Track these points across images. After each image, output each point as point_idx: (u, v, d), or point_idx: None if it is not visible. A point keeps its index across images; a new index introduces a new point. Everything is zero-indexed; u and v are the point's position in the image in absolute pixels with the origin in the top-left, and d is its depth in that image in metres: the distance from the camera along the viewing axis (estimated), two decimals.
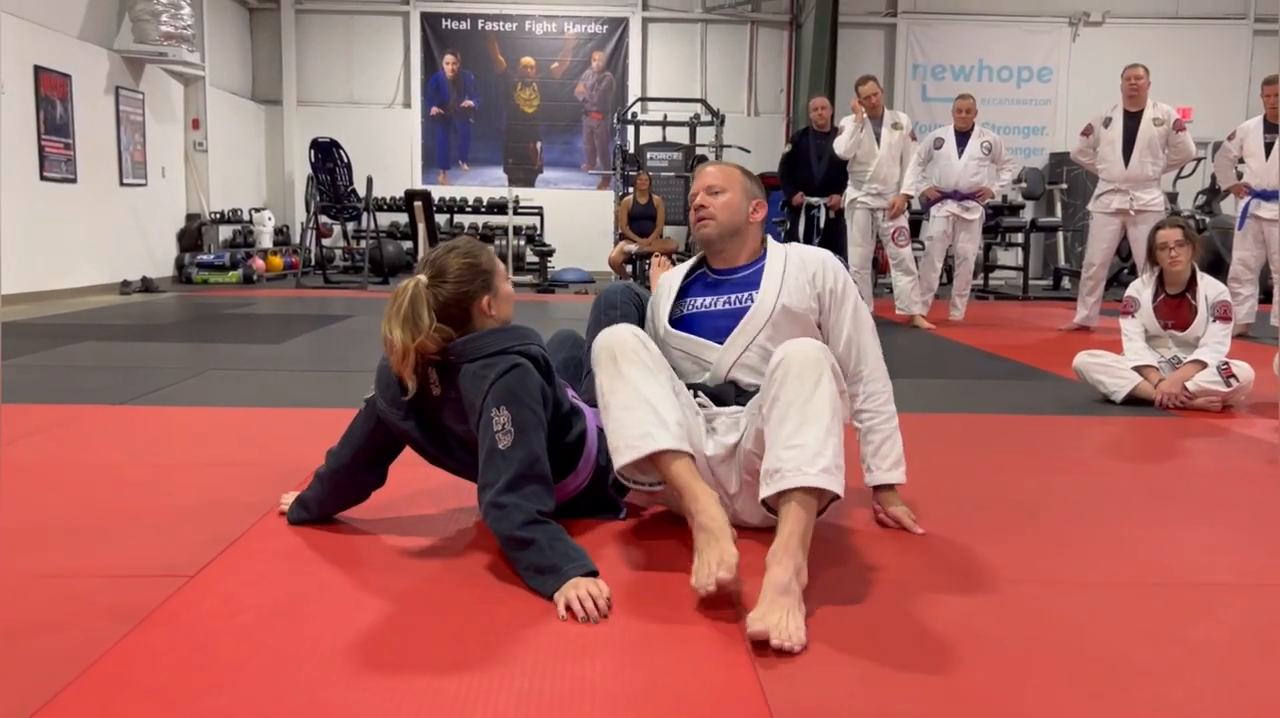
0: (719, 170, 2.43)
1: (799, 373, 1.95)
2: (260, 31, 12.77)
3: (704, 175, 2.42)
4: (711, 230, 2.37)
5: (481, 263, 2.16)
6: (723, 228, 2.37)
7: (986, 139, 7.44)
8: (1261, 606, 1.95)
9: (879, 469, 2.34)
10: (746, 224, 2.40)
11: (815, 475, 1.85)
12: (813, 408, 1.91)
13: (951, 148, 7.39)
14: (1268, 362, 4.38)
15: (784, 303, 2.29)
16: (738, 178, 2.41)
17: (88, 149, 8.75)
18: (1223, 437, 3.62)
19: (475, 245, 2.20)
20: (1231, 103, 12.22)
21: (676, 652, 1.67)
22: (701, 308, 2.40)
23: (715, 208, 2.36)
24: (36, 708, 1.43)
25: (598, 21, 12.84)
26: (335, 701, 1.47)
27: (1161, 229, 4.24)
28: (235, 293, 9.40)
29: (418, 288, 2.08)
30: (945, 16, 12.81)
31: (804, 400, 1.92)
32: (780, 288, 2.31)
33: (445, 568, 2.05)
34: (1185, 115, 6.59)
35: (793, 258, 2.37)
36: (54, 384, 4.23)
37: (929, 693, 1.53)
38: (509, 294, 2.23)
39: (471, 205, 12.81)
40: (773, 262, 2.37)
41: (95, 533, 2.24)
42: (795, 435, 1.89)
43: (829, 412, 1.92)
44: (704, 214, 2.38)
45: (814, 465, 1.85)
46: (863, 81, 7.04)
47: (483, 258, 2.17)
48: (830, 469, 1.87)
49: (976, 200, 7.44)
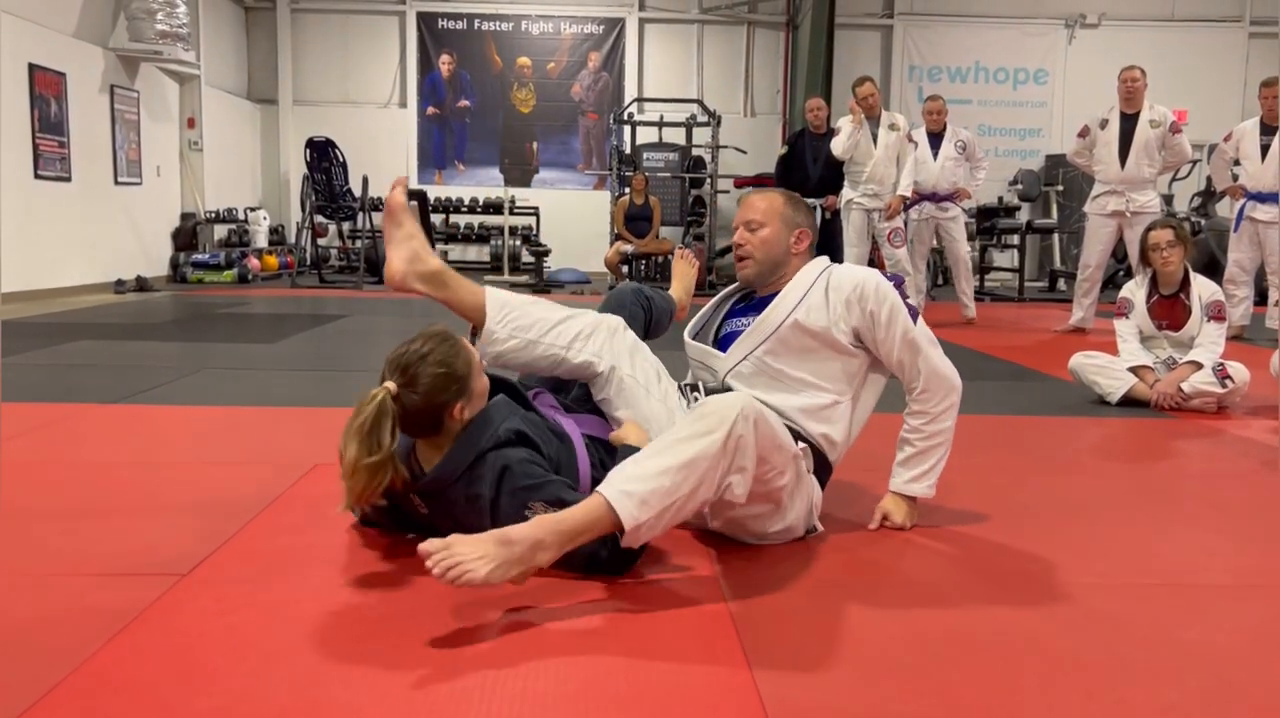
0: (760, 201, 2.38)
1: (700, 416, 1.88)
2: (256, 30, 12.75)
3: (745, 207, 2.39)
4: (750, 272, 2.38)
5: (456, 370, 1.98)
6: (761, 267, 2.36)
7: (960, 138, 7.49)
8: (1256, 607, 1.95)
9: (897, 477, 2.33)
10: (788, 257, 2.36)
11: (613, 492, 1.77)
12: (677, 448, 1.83)
13: (926, 150, 7.43)
14: (1263, 363, 4.38)
15: (797, 318, 2.25)
16: (779, 209, 2.36)
17: (82, 148, 8.73)
18: (1218, 438, 3.62)
19: (449, 350, 1.99)
20: (1227, 105, 12.23)
21: (671, 651, 1.66)
22: (739, 327, 2.38)
23: (753, 245, 2.34)
24: (28, 706, 1.42)
25: (594, 22, 12.84)
26: (327, 700, 1.47)
27: (1153, 230, 4.24)
28: (230, 292, 9.38)
29: (384, 402, 1.90)
30: (942, 18, 12.82)
31: (678, 438, 1.85)
32: (798, 304, 2.27)
33: None
34: (1181, 118, 6.59)
35: (833, 276, 2.30)
36: (48, 383, 4.22)
37: (923, 693, 1.53)
38: (483, 389, 2.08)
39: (467, 205, 12.80)
40: (803, 276, 2.32)
41: (87, 531, 2.23)
42: (644, 459, 1.84)
43: (686, 459, 1.81)
44: (742, 253, 2.36)
45: (623, 484, 1.78)
46: (860, 82, 7.05)
47: (458, 364, 1.99)
48: (633, 496, 1.76)
49: (954, 202, 7.49)
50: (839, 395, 2.29)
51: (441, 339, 2.01)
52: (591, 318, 2.33)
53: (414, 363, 1.96)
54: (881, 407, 2.41)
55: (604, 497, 1.78)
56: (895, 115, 7.24)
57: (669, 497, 1.80)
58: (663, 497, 1.79)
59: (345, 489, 1.92)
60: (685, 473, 1.81)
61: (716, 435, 1.84)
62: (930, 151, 7.43)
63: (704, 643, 1.70)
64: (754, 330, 2.29)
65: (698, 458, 1.82)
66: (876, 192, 7.09)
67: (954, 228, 7.54)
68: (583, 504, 1.80)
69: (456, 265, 10.66)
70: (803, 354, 2.27)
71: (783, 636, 1.74)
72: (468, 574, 1.63)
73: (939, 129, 7.49)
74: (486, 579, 1.65)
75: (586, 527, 1.78)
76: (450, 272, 2.27)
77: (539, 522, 1.76)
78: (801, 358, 2.27)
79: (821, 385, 2.28)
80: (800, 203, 2.43)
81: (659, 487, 1.79)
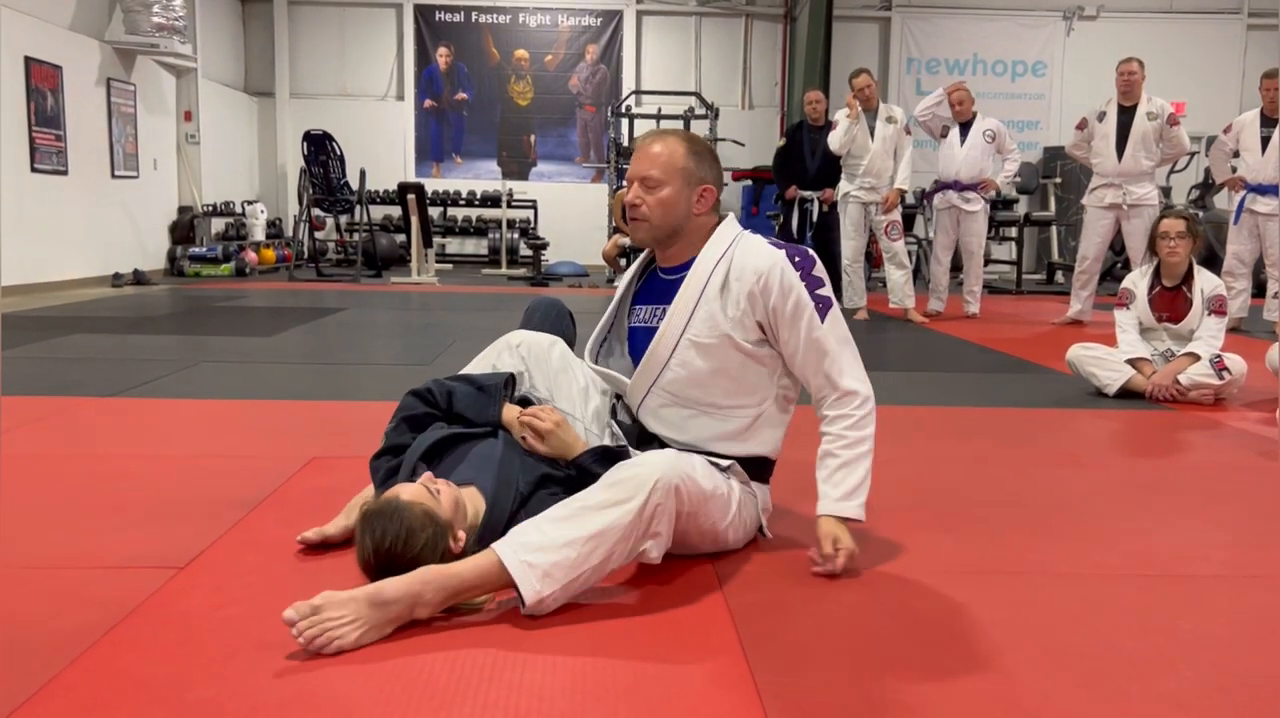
0: (659, 150, 2.03)
1: (615, 483, 1.77)
2: (253, 23, 12.72)
3: (641, 157, 2.04)
4: (645, 235, 2.07)
5: (429, 536, 1.77)
6: (657, 230, 2.05)
7: (989, 127, 7.30)
8: (1253, 598, 1.96)
9: (826, 498, 2.01)
10: (689, 218, 2.05)
11: (515, 561, 1.68)
12: (587, 518, 1.73)
13: (954, 138, 7.32)
14: (1260, 356, 4.38)
15: (690, 338, 2.01)
16: (680, 164, 2.02)
17: (79, 141, 8.71)
18: (1215, 430, 3.63)
19: (407, 529, 1.75)
20: (1225, 97, 12.23)
21: (668, 645, 1.66)
22: (640, 320, 2.15)
23: (649, 207, 2.03)
24: (25, 698, 1.42)
25: (592, 14, 12.81)
26: (324, 692, 1.47)
27: (1165, 218, 4.25)
28: (227, 286, 9.37)
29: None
30: (940, 10, 12.80)
31: (587, 506, 1.75)
32: (689, 317, 2.01)
33: None
34: (1179, 110, 6.56)
35: (735, 259, 2.01)
36: (45, 376, 4.21)
37: (921, 686, 1.53)
38: (461, 501, 1.91)
39: (465, 198, 12.79)
40: (707, 254, 2.04)
41: (85, 524, 2.23)
42: (550, 524, 1.73)
43: (594, 533, 1.71)
44: (636, 215, 2.05)
45: (525, 554, 1.69)
46: (856, 74, 7.02)
47: (424, 534, 1.76)
48: (534, 567, 1.68)
49: (979, 192, 7.31)
50: (759, 405, 2.08)
51: (388, 518, 1.77)
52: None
53: (397, 554, 1.75)
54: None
55: (502, 563, 1.68)
56: (893, 108, 7.21)
57: (575, 569, 1.70)
58: (568, 569, 1.70)
59: None
60: (594, 544, 1.71)
61: (630, 506, 1.74)
62: (958, 139, 7.29)
63: (701, 637, 1.70)
64: (648, 362, 2.05)
65: (608, 529, 1.72)
66: (874, 185, 7.07)
67: (971, 221, 7.37)
68: (474, 561, 1.71)
69: (455, 258, 10.62)
70: (711, 375, 2.03)
71: (780, 629, 1.74)
72: (336, 642, 1.57)
73: (967, 119, 7.29)
74: (357, 643, 1.58)
75: (477, 584, 1.70)
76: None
77: (424, 573, 1.67)
78: (710, 379, 2.03)
79: (737, 404, 2.06)
80: (706, 152, 2.08)
81: (564, 559, 1.69)
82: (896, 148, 7.05)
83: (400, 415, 2.14)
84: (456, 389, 2.16)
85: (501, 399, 2.16)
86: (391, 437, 2.11)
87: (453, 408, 2.15)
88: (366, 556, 1.78)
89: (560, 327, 2.52)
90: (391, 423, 2.14)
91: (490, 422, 2.13)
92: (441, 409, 2.15)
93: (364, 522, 1.80)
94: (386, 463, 2.07)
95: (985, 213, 7.49)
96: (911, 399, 3.98)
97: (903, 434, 3.39)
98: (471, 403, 2.15)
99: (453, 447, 2.08)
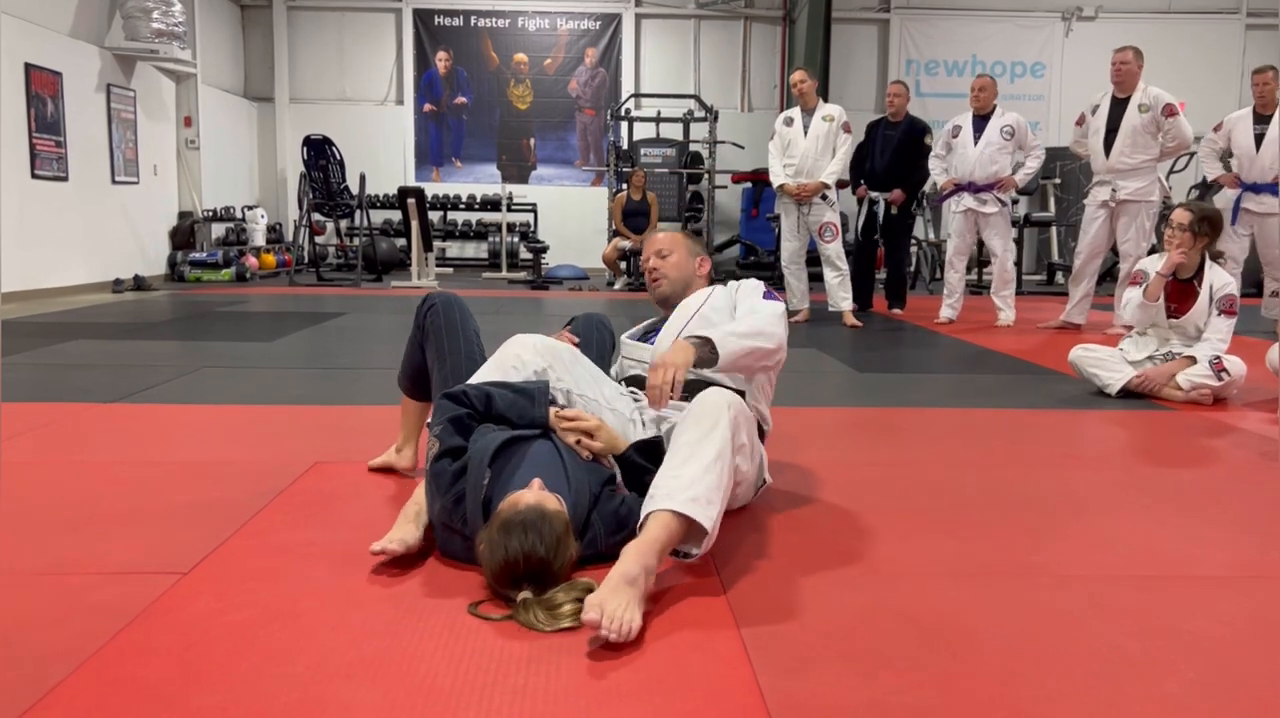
0: (663, 236, 2.75)
1: (697, 418, 2.03)
2: (252, 28, 12.73)
3: (650, 243, 2.73)
4: (665, 289, 2.67)
5: (563, 541, 1.85)
6: (674, 284, 2.67)
7: (1008, 123, 6.88)
8: (1254, 598, 1.96)
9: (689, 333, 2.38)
10: (695, 277, 2.70)
11: (683, 503, 1.88)
12: (701, 448, 1.97)
13: (968, 134, 6.92)
14: (1258, 356, 4.39)
15: (712, 304, 2.56)
16: (681, 240, 2.74)
17: (79, 147, 8.72)
18: (1216, 430, 3.63)
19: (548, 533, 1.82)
20: (1224, 97, 12.23)
21: (672, 646, 1.67)
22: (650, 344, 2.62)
23: (666, 268, 2.67)
24: (29, 705, 1.42)
25: (591, 18, 12.82)
26: (329, 697, 1.47)
27: (1180, 207, 4.29)
28: (228, 291, 9.37)
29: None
30: (938, 11, 12.81)
31: (696, 441, 1.98)
32: (705, 300, 2.58)
33: (438, 565, 2.05)
34: (1180, 107, 6.43)
35: (719, 289, 2.64)
36: (46, 383, 4.22)
37: (923, 686, 1.54)
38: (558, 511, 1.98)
39: (465, 202, 12.81)
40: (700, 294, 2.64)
41: (88, 531, 2.23)
42: (679, 468, 1.94)
43: (714, 454, 1.96)
44: (656, 275, 2.67)
45: (685, 494, 1.89)
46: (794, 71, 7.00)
47: (558, 541, 1.84)
48: (699, 500, 1.89)
49: (996, 192, 6.88)
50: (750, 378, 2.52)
51: (537, 528, 1.83)
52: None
53: (548, 562, 1.81)
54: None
55: (672, 511, 1.87)
56: (831, 107, 6.99)
57: (720, 489, 1.94)
58: (716, 491, 1.93)
59: None
60: (719, 465, 1.95)
61: (722, 424, 2.00)
62: (972, 136, 6.90)
63: (704, 638, 1.70)
64: (676, 316, 2.54)
65: (721, 449, 1.97)
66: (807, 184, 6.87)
67: (991, 225, 6.96)
68: (656, 523, 1.86)
69: (455, 262, 10.66)
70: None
71: (783, 630, 1.75)
72: (632, 624, 1.67)
73: (986, 110, 6.90)
74: (633, 630, 1.68)
75: (666, 540, 1.86)
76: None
77: (636, 551, 1.80)
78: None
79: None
80: (697, 237, 2.77)
81: (711, 483, 1.92)
82: (834, 147, 6.85)
83: (445, 417, 2.16)
84: (494, 393, 2.21)
85: (546, 401, 2.23)
86: (446, 440, 2.13)
87: (491, 410, 2.20)
88: (513, 561, 1.79)
89: (600, 339, 2.71)
90: (437, 425, 2.17)
91: (537, 423, 2.20)
92: (479, 412, 2.20)
93: (507, 530, 1.82)
94: (447, 465, 2.07)
95: (1006, 213, 7.04)
96: (912, 400, 3.97)
97: (904, 435, 3.40)
98: (512, 405, 2.21)
99: (507, 449, 2.11)
